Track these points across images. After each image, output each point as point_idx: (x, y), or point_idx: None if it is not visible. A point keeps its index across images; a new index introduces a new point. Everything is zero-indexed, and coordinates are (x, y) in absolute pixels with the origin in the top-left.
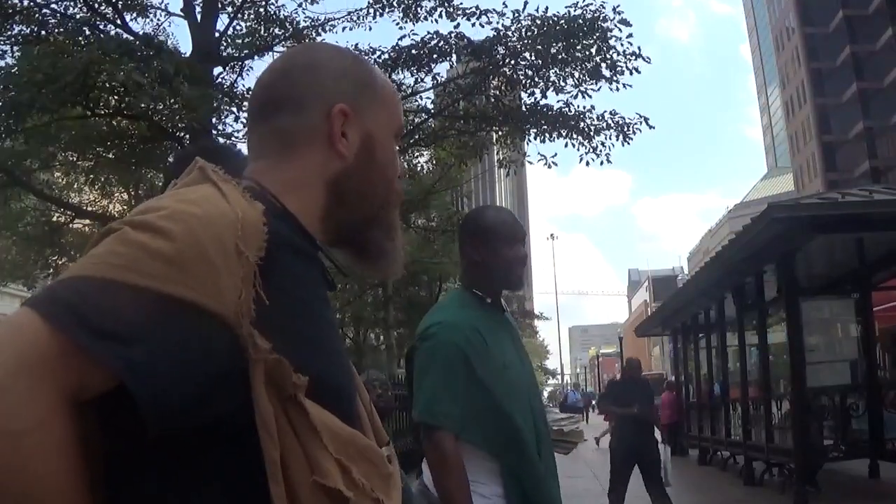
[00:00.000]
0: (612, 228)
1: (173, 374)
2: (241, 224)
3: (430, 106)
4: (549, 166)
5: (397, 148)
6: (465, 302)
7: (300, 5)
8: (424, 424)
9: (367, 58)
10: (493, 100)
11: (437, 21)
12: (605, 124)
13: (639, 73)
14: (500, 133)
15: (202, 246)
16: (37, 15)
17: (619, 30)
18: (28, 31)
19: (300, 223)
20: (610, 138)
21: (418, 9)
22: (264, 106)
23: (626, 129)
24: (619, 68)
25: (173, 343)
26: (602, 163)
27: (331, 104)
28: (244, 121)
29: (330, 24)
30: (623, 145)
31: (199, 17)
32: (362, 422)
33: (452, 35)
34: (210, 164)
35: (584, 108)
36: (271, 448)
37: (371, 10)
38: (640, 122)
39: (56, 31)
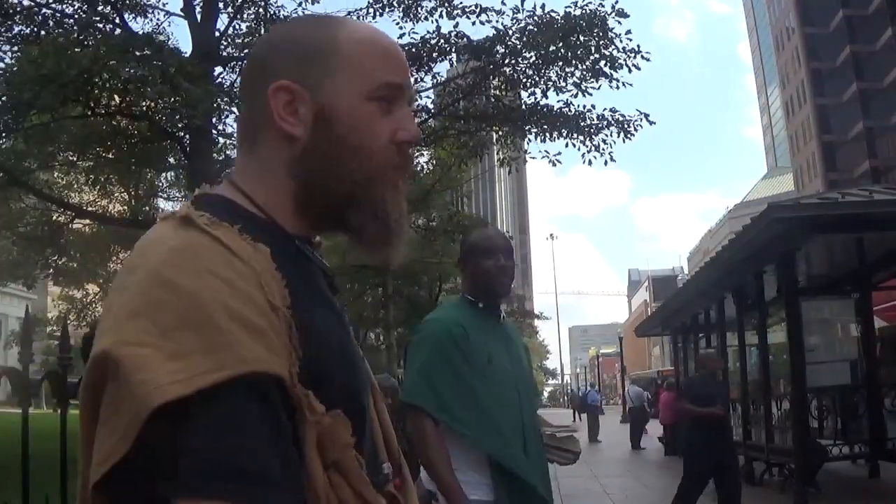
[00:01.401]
0: (612, 228)
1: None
2: (262, 277)
3: (430, 105)
4: (554, 164)
5: (393, 104)
6: (459, 305)
7: (300, 5)
8: (406, 405)
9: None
10: (493, 99)
11: (437, 21)
12: (605, 122)
13: (639, 69)
14: (500, 133)
15: (242, 315)
16: (37, 15)
17: (619, 23)
18: (28, 31)
19: (282, 227)
20: (611, 136)
21: (418, 8)
22: (241, 97)
23: (626, 125)
24: (618, 64)
25: (261, 429)
26: (606, 162)
27: (272, 83)
28: None
29: None
30: (624, 141)
31: (199, 17)
32: (374, 437)
33: (452, 34)
34: (193, 209)
35: (584, 107)
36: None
37: (371, 10)
38: (641, 119)
39: (56, 30)
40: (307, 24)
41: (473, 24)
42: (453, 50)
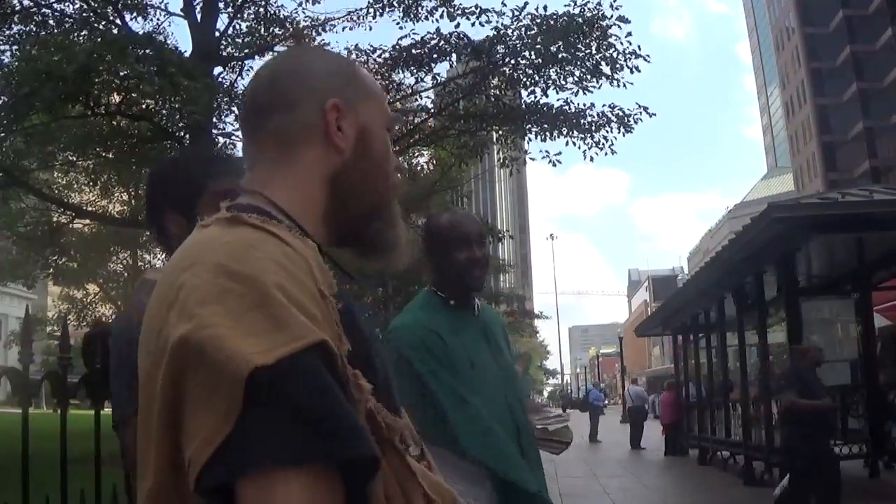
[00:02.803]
0: (611, 228)
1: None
2: (312, 267)
3: (430, 105)
4: (554, 164)
5: (391, 141)
6: (429, 303)
7: (300, 5)
8: None
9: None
10: (493, 99)
11: (437, 21)
12: (605, 119)
13: (639, 71)
14: (500, 132)
15: (297, 298)
16: (36, 15)
17: (619, 27)
18: (28, 30)
19: (310, 236)
20: (611, 132)
21: (418, 8)
22: (257, 112)
23: (626, 119)
24: (619, 65)
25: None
26: (606, 154)
27: (323, 99)
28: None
29: (330, 23)
30: (624, 135)
31: (199, 17)
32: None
33: (452, 34)
34: (241, 210)
35: (584, 105)
36: (376, 485)
37: (371, 10)
38: (640, 113)
39: (55, 30)
40: (330, 54)
41: (473, 24)
42: (453, 50)
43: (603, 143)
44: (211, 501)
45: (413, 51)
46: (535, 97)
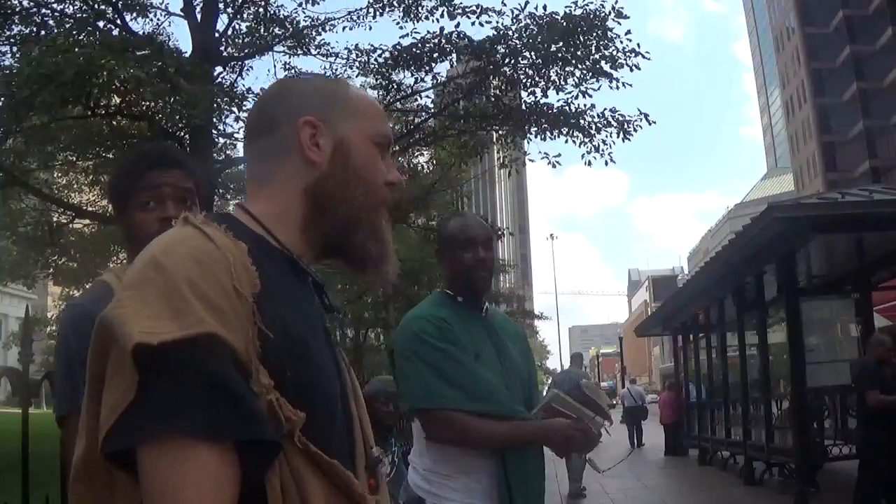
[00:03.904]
0: (609, 228)
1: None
2: (234, 266)
3: (430, 105)
4: (554, 165)
5: (384, 152)
6: (438, 301)
7: (300, 5)
8: (421, 410)
9: (343, 76)
10: (493, 99)
11: (437, 21)
12: (605, 122)
13: (639, 69)
14: (500, 132)
15: (205, 293)
16: (36, 15)
17: (619, 24)
18: (28, 31)
19: (282, 244)
20: (611, 136)
21: (419, 8)
22: (249, 136)
23: (626, 125)
24: (618, 62)
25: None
26: (606, 163)
27: (298, 118)
28: (244, 120)
29: (330, 23)
30: (623, 142)
31: (199, 17)
32: (362, 424)
33: (453, 34)
34: (215, 219)
35: (584, 105)
36: (272, 477)
37: (371, 10)
38: (641, 119)
39: (55, 31)
40: (319, 78)
41: (473, 24)
42: (454, 50)
43: (602, 149)
44: (119, 467)
45: (413, 50)
46: (536, 97)
